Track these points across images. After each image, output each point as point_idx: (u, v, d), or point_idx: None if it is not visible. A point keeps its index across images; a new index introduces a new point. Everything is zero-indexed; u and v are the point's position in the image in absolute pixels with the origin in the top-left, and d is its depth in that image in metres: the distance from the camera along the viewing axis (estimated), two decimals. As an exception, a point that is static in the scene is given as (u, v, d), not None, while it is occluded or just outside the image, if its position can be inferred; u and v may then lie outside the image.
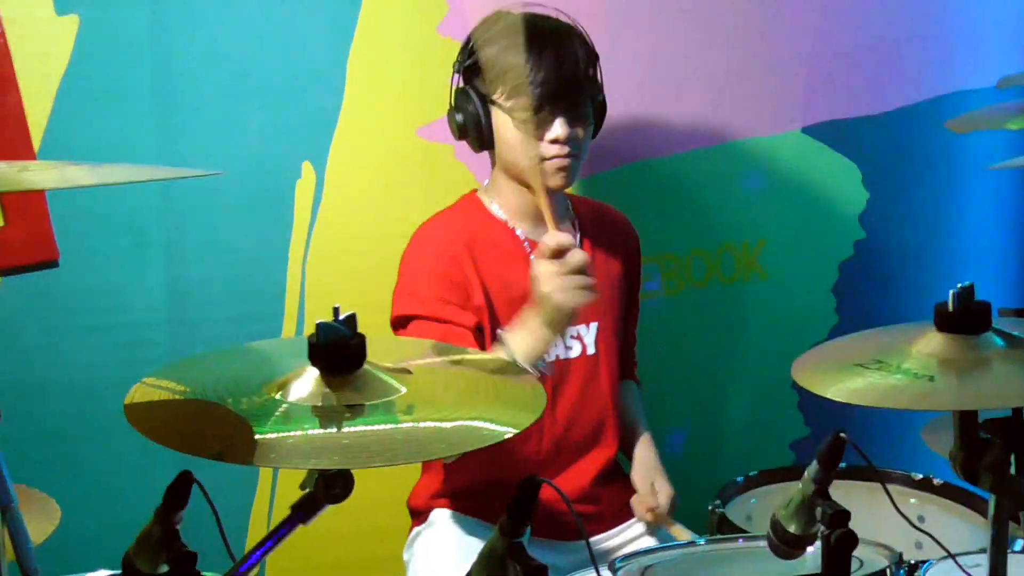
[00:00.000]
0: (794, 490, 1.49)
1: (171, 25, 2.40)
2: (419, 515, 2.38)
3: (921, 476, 2.39)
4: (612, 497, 2.38)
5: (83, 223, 2.39)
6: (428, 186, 2.58)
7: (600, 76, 2.27)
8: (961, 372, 1.41)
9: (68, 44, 2.35)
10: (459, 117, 2.23)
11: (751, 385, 2.98)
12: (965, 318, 1.43)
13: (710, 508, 2.25)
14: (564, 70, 2.17)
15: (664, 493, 2.35)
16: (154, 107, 2.41)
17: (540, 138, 2.17)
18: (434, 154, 2.60)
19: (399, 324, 2.20)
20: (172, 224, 2.46)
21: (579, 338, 2.32)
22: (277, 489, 2.56)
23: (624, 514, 2.41)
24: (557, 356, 2.29)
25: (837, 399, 1.39)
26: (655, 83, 2.26)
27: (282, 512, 1.34)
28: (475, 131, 2.21)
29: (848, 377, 1.43)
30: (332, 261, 2.55)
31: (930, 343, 1.44)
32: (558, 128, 2.17)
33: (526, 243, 2.28)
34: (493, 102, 2.18)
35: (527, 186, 2.24)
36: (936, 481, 2.39)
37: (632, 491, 2.41)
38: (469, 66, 2.21)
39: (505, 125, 2.19)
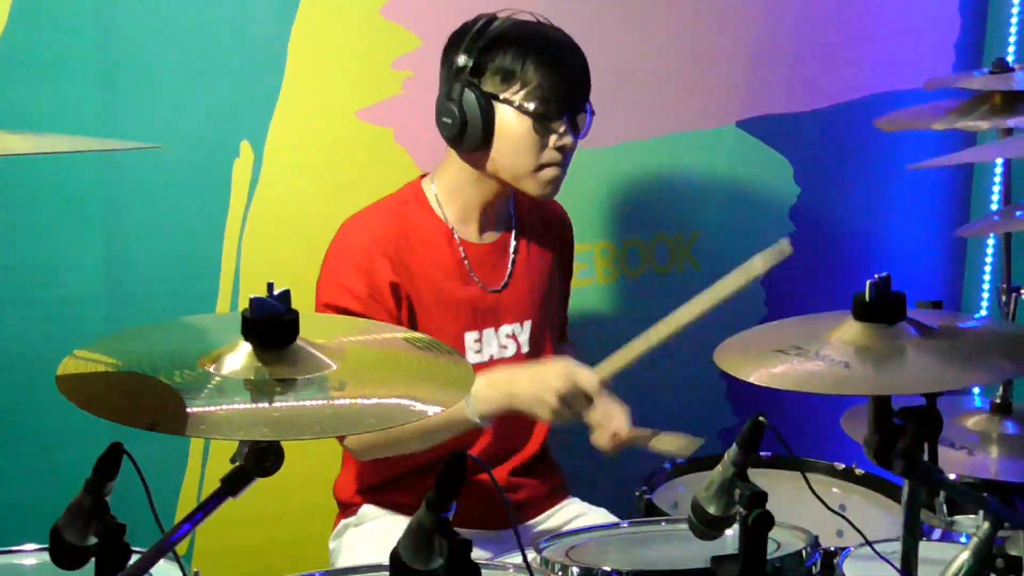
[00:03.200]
0: (714, 473, 1.53)
1: (115, -5, 2.40)
2: (346, 507, 2.39)
3: (844, 466, 2.45)
4: (541, 480, 2.41)
5: (21, 195, 2.38)
6: (366, 168, 2.59)
7: None
8: (876, 360, 1.45)
9: (4, 9, 2.33)
10: (458, 113, 2.17)
11: (681, 374, 3.02)
12: (881, 308, 1.48)
13: (637, 494, 2.29)
14: (575, 76, 2.22)
15: (617, 415, 2.31)
16: (94, 79, 2.41)
17: (544, 145, 2.19)
18: (374, 137, 2.62)
19: (326, 310, 2.18)
20: (110, 198, 2.46)
21: (513, 337, 2.33)
22: (207, 468, 2.57)
23: (553, 497, 2.45)
24: (491, 356, 2.30)
25: (757, 383, 1.43)
26: (595, 75, 2.30)
27: (214, 488, 1.35)
28: (477, 128, 2.17)
29: (768, 362, 1.47)
30: (267, 240, 2.56)
31: (847, 331, 1.48)
32: (565, 136, 2.19)
33: (461, 247, 2.29)
34: (501, 99, 2.17)
35: (505, 189, 2.26)
36: (858, 471, 2.45)
37: (556, 475, 2.46)
38: (474, 66, 2.17)
39: (510, 126, 2.18)
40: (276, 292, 1.34)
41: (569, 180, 2.77)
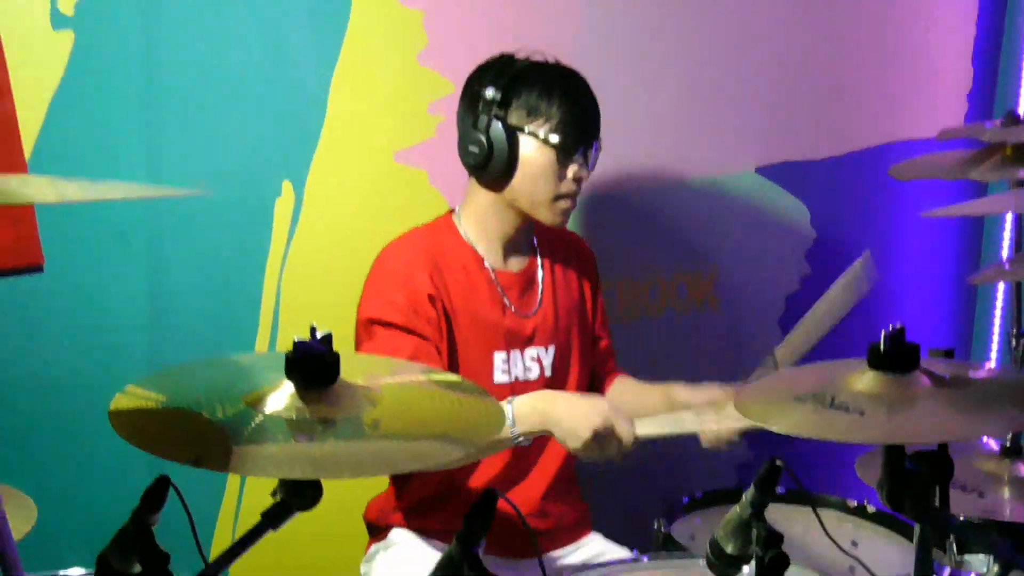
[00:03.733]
0: (732, 512, 1.54)
1: (161, 43, 2.42)
2: (377, 531, 2.40)
3: (856, 503, 2.45)
4: (565, 513, 2.42)
5: (69, 230, 2.39)
6: (403, 209, 2.60)
7: None
8: (890, 408, 1.46)
9: (63, 58, 2.37)
10: (485, 142, 2.23)
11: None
12: (895, 357, 1.48)
13: (656, 526, 2.29)
14: (591, 112, 2.28)
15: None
16: (142, 121, 2.43)
17: (562, 176, 2.24)
18: (410, 178, 2.64)
19: (369, 326, 2.23)
20: (155, 234, 2.48)
21: (538, 360, 2.36)
22: (244, 494, 2.58)
23: (577, 531, 2.45)
24: (516, 378, 2.33)
25: (775, 430, 1.44)
26: (620, 121, 2.33)
27: (249, 515, 1.37)
28: (502, 157, 2.23)
29: (786, 409, 1.48)
30: (307, 277, 2.57)
31: (862, 380, 1.48)
32: (580, 168, 2.26)
33: (492, 272, 2.33)
34: (526, 132, 2.23)
35: (523, 218, 2.30)
36: (870, 508, 2.44)
37: (581, 506, 2.47)
38: (500, 100, 2.23)
39: (533, 157, 2.24)
40: (319, 335, 1.36)
41: (596, 219, 2.81)
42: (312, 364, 1.35)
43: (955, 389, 1.49)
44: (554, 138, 2.22)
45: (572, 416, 2.13)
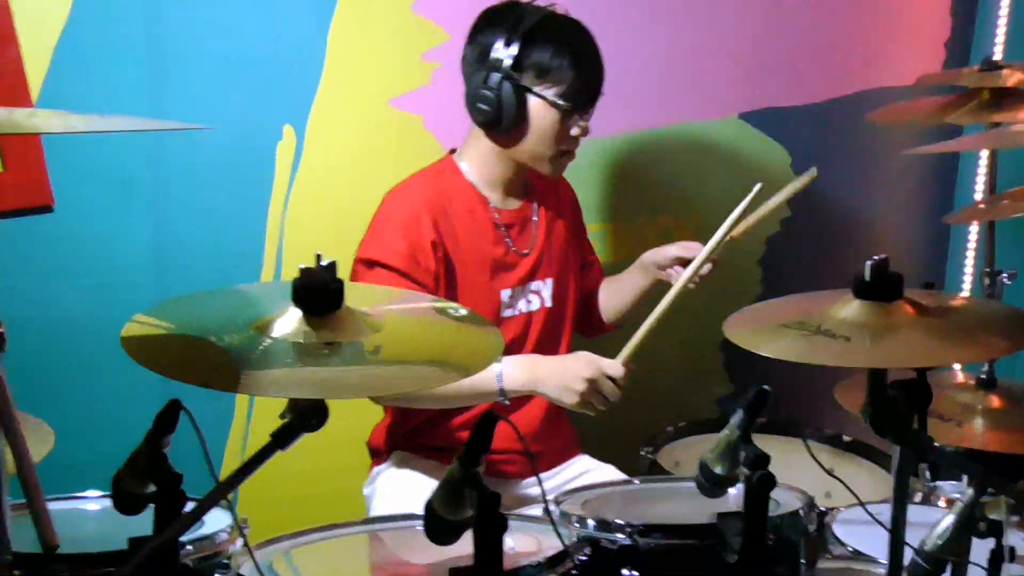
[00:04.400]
0: (721, 436, 1.53)
1: (165, -8, 2.40)
2: (379, 455, 2.41)
3: (832, 433, 2.45)
4: (556, 437, 2.43)
5: (77, 173, 2.38)
6: (399, 152, 2.59)
7: None
8: (874, 335, 1.45)
9: (66, 4, 2.33)
10: (495, 101, 2.19)
11: (683, 346, 3.02)
12: (880, 287, 1.47)
13: (642, 454, 2.30)
14: (599, 74, 2.26)
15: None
16: (146, 67, 2.40)
17: (565, 133, 2.23)
18: (405, 123, 2.62)
19: (365, 266, 2.20)
20: (160, 177, 2.46)
21: (538, 293, 2.37)
22: (252, 422, 2.58)
23: (566, 453, 2.46)
24: (521, 311, 2.34)
25: (765, 354, 1.43)
26: (607, 68, 2.30)
27: (256, 443, 1.35)
28: (511, 118, 2.20)
29: (774, 336, 1.47)
30: (308, 216, 2.56)
31: (847, 308, 1.48)
32: (583, 126, 2.25)
33: (496, 213, 2.32)
34: (535, 92, 2.20)
35: (522, 165, 2.29)
36: (845, 438, 2.45)
37: (570, 432, 2.47)
38: (513, 62, 2.18)
39: (539, 116, 2.22)
40: (324, 262, 1.34)
41: (584, 164, 2.79)
42: (318, 290, 1.33)
43: (937, 318, 1.48)
44: (562, 102, 2.20)
45: (560, 375, 2.15)
